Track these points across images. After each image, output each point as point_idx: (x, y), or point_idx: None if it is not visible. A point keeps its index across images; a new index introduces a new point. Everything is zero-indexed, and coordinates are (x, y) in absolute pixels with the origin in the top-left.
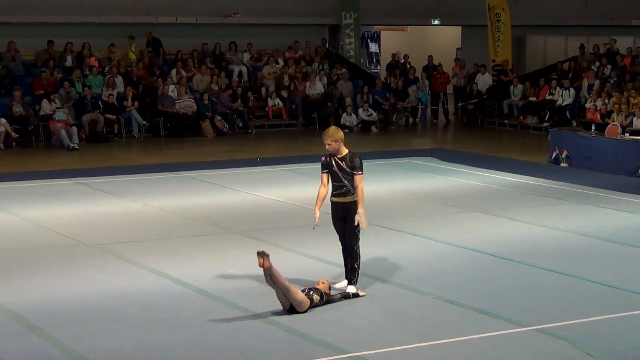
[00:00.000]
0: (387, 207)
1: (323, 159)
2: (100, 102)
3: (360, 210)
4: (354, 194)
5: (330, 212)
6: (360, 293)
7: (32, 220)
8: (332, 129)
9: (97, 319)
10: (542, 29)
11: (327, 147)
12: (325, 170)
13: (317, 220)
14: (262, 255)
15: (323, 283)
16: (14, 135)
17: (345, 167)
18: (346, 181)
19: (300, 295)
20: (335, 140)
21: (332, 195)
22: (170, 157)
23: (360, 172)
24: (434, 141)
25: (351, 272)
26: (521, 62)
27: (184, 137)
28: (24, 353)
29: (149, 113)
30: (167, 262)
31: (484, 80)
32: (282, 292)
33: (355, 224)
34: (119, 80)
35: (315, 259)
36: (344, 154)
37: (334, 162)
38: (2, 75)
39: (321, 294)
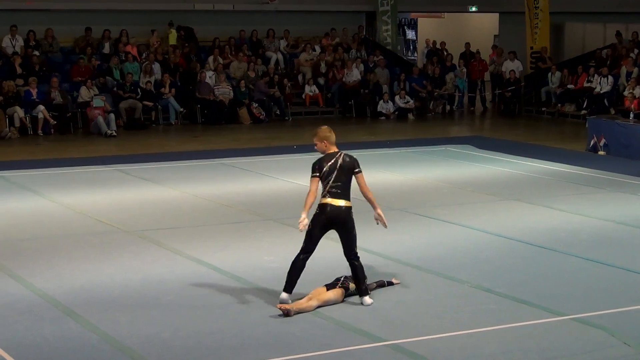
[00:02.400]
0: (424, 194)
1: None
2: (137, 89)
3: (379, 210)
4: (349, 199)
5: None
6: (394, 281)
7: (70, 206)
8: (323, 128)
9: (135, 305)
10: (581, 15)
11: (315, 147)
12: (316, 174)
13: (303, 223)
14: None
15: None
16: (52, 122)
17: (340, 166)
18: (340, 182)
19: (334, 295)
20: (320, 139)
21: (324, 196)
22: (207, 144)
23: (360, 169)
24: (471, 129)
25: (360, 285)
26: (559, 50)
27: (221, 124)
28: (62, 339)
29: (190, 100)
30: (204, 249)
31: (514, 67)
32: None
33: (377, 223)
34: (157, 67)
35: None
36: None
37: (326, 164)
38: (40, 61)
39: None
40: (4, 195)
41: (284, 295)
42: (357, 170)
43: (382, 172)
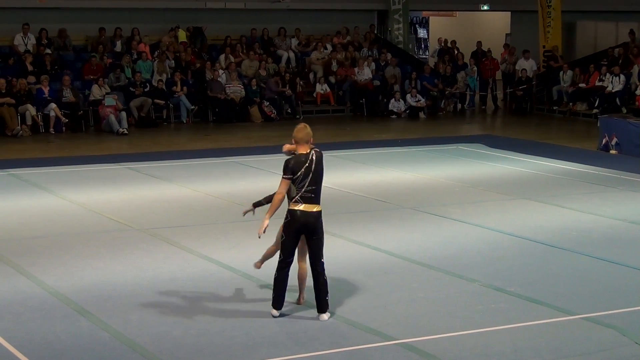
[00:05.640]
0: (435, 193)
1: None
2: (148, 85)
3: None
4: (320, 203)
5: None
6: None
7: (82, 204)
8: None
9: (146, 303)
10: (593, 14)
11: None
12: (289, 176)
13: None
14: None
15: None
16: (63, 120)
17: (315, 169)
18: (315, 186)
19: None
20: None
21: (296, 201)
22: (218, 143)
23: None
24: (482, 127)
25: (323, 299)
26: (571, 48)
27: (232, 123)
28: (73, 336)
29: (202, 98)
30: (215, 247)
31: (528, 66)
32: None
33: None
34: (168, 65)
35: (362, 244)
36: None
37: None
38: (52, 60)
39: None
40: (16, 193)
41: (275, 312)
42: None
43: (393, 171)
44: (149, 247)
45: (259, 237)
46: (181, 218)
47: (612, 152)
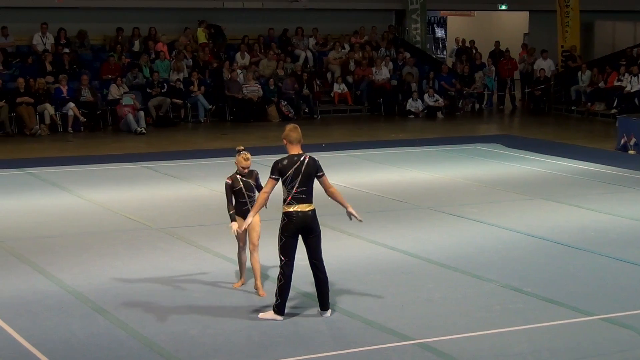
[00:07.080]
0: (453, 193)
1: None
2: (166, 85)
3: (350, 208)
4: (312, 202)
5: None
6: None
7: (100, 203)
8: (287, 126)
9: (163, 302)
10: (611, 14)
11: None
12: (276, 177)
13: (234, 228)
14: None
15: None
16: (82, 119)
17: (305, 170)
18: (305, 187)
19: (258, 231)
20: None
21: (289, 203)
22: (236, 142)
23: (323, 172)
24: (500, 127)
25: (325, 297)
26: (589, 48)
27: (250, 122)
28: (91, 335)
29: (219, 97)
30: (232, 247)
31: (546, 66)
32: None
33: (350, 219)
34: (186, 64)
35: (379, 244)
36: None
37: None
38: (70, 59)
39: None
40: (34, 192)
41: (280, 317)
42: (320, 173)
43: (411, 171)
44: (166, 246)
45: (235, 235)
46: (198, 217)
47: (631, 152)
